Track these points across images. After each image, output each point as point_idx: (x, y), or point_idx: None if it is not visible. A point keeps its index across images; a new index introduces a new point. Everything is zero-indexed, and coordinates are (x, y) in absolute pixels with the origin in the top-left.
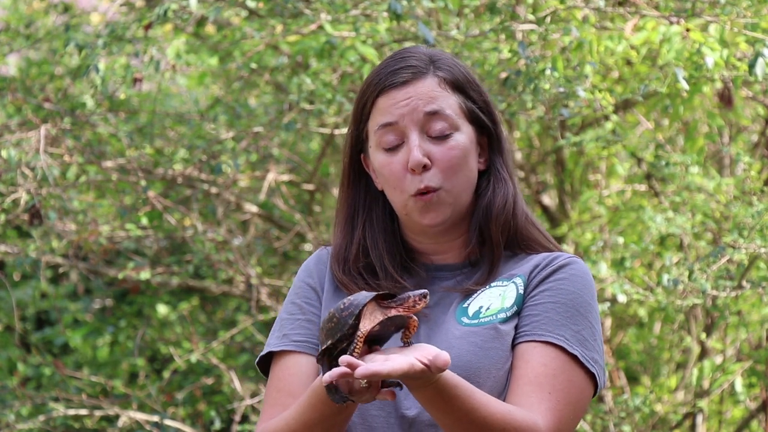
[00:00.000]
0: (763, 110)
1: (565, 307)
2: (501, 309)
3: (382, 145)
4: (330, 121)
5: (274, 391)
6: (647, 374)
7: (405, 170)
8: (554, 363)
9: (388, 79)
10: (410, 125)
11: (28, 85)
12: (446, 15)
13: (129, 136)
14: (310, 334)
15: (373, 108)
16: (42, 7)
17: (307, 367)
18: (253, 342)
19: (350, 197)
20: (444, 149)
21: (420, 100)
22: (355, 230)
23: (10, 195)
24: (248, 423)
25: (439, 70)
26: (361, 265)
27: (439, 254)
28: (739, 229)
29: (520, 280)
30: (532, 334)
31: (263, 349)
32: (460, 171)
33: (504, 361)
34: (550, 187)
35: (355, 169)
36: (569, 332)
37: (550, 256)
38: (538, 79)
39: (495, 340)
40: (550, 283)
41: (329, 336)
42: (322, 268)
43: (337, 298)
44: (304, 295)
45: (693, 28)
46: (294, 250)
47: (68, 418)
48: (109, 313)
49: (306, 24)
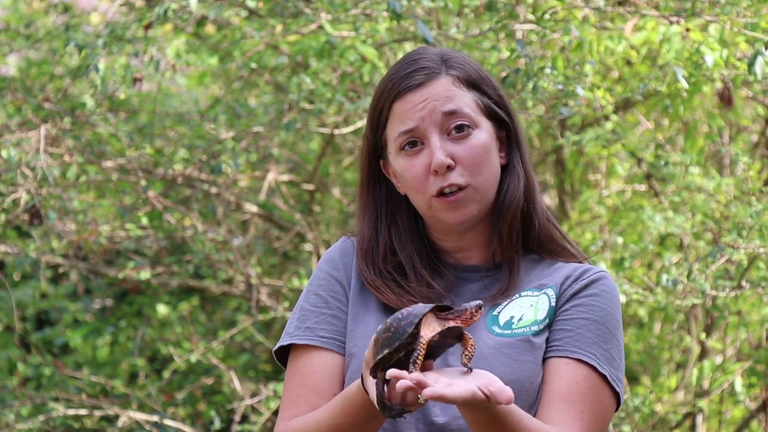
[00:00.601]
0: (763, 110)
1: (597, 324)
2: (534, 321)
3: (403, 149)
4: (330, 121)
5: (298, 388)
6: (647, 374)
7: (427, 172)
8: (586, 382)
9: (403, 83)
10: (430, 127)
11: (28, 85)
12: (446, 15)
13: (129, 136)
14: (336, 331)
15: (390, 114)
16: (42, 7)
17: (333, 366)
18: (253, 342)
19: (371, 203)
20: (466, 147)
21: (437, 101)
22: (380, 233)
23: (10, 195)
24: (248, 423)
25: (451, 68)
26: (391, 266)
27: (465, 252)
28: (738, 229)
29: (552, 292)
30: (564, 350)
31: (282, 338)
32: (483, 167)
33: (536, 374)
34: (550, 187)
35: (374, 175)
36: (600, 350)
37: (580, 268)
38: (537, 78)
39: (529, 353)
40: (582, 299)
41: (386, 345)
42: (348, 261)
43: (364, 297)
44: (330, 288)
45: (693, 28)
46: (294, 250)
47: (68, 418)
48: (109, 313)
49: (306, 24)
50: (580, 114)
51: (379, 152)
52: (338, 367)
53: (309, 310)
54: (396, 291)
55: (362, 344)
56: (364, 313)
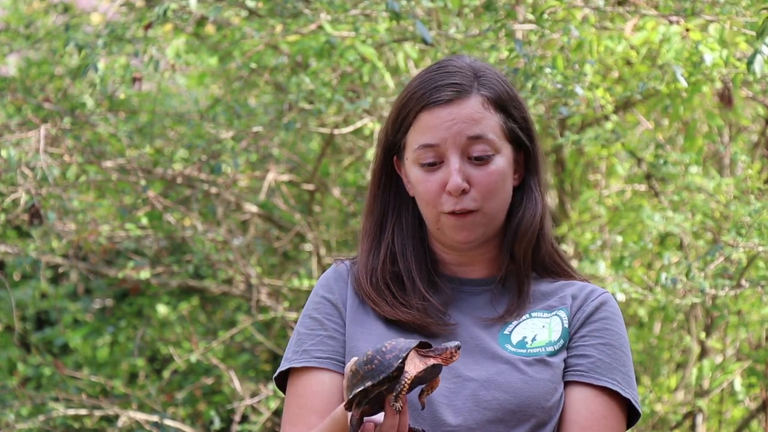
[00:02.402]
0: (763, 110)
1: (613, 348)
2: (549, 342)
3: (420, 162)
4: (330, 121)
5: (296, 408)
6: (647, 374)
7: (441, 190)
8: (612, 413)
9: (433, 96)
10: (451, 148)
11: (28, 85)
12: (446, 15)
13: (129, 136)
14: (332, 351)
15: (414, 121)
16: (42, 7)
17: (330, 385)
18: (252, 342)
19: (381, 199)
20: (484, 174)
21: (464, 124)
22: (384, 233)
23: (10, 195)
24: (248, 423)
25: (483, 87)
26: (389, 276)
27: (465, 266)
28: (737, 228)
29: (564, 314)
30: (589, 377)
31: (282, 365)
32: (498, 194)
33: (552, 392)
34: (550, 187)
35: (386, 171)
36: (620, 375)
37: (585, 288)
38: (536, 77)
39: (545, 372)
40: (596, 323)
41: (369, 378)
42: (343, 285)
43: (362, 316)
44: (325, 311)
45: (693, 27)
46: (294, 250)
47: (68, 418)
48: (109, 313)
49: (306, 24)
50: (580, 114)
51: (396, 151)
52: (336, 386)
53: (305, 334)
54: (391, 303)
55: None
56: (362, 330)
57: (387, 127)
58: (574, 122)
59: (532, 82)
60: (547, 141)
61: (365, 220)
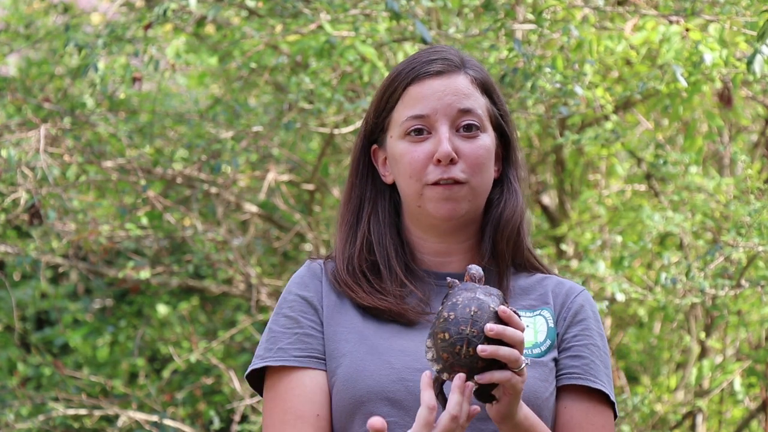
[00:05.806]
0: (762, 110)
1: (598, 348)
2: (535, 344)
3: (408, 135)
4: (330, 121)
5: (281, 412)
6: (647, 374)
7: (428, 160)
8: (609, 423)
9: (423, 68)
10: (442, 118)
11: (28, 85)
12: (446, 14)
13: (129, 135)
14: (311, 348)
15: (403, 95)
16: (42, 7)
17: (312, 386)
18: (252, 342)
19: (358, 189)
20: (473, 146)
21: (455, 96)
22: (360, 223)
23: (10, 195)
24: (248, 423)
25: (470, 69)
26: (366, 265)
27: (442, 257)
28: (737, 228)
29: (548, 314)
30: (586, 380)
31: (254, 362)
32: (483, 170)
33: (543, 390)
34: (550, 187)
35: (364, 161)
36: (605, 377)
37: (562, 285)
38: (536, 77)
39: (533, 370)
40: (583, 323)
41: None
42: (317, 283)
43: (341, 308)
44: (300, 309)
45: (692, 27)
46: (294, 250)
47: (68, 418)
48: (109, 313)
49: (305, 24)
50: (580, 113)
51: (375, 137)
52: (318, 385)
53: (279, 332)
54: (367, 290)
55: (346, 363)
56: (342, 330)
57: (369, 112)
58: (573, 122)
59: (532, 81)
60: (547, 141)
61: (343, 208)
